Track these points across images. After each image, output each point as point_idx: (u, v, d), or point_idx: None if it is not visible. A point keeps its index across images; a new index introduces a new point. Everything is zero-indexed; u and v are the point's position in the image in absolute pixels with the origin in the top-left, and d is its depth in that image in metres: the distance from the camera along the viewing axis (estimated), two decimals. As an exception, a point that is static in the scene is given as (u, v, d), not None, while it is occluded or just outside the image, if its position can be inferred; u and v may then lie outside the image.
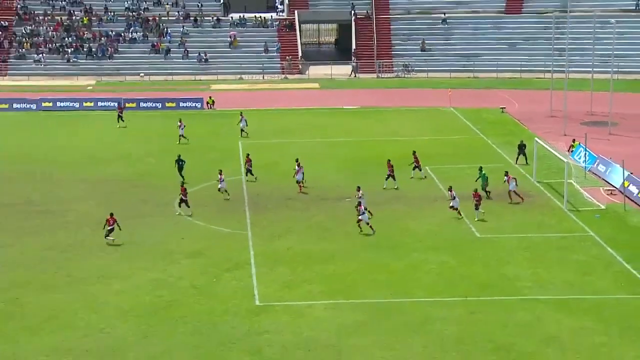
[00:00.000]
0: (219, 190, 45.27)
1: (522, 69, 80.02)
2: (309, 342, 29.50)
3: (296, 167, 47.10)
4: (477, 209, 40.95)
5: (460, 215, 41.22)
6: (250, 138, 59.02)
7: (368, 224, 39.68)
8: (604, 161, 49.35)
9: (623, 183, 45.04)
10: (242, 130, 59.16)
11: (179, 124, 58.07)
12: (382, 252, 37.69)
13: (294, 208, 44.19)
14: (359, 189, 42.15)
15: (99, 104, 69.31)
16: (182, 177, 47.56)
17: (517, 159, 51.53)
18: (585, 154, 50.77)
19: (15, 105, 68.66)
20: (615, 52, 63.77)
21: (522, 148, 51.35)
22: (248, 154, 49.92)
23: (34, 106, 68.48)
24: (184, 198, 42.86)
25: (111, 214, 39.02)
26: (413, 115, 66.26)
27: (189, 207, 42.59)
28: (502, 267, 35.71)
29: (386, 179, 47.23)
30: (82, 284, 34.75)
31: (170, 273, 35.81)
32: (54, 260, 37.25)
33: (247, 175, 48.68)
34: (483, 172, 45.28)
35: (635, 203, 43.78)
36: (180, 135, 57.67)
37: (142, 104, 69.15)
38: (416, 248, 38.08)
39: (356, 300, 32.80)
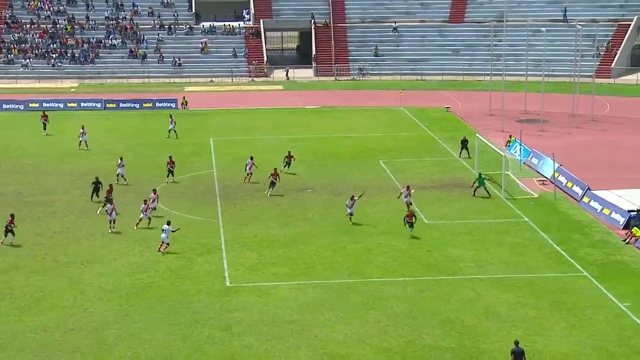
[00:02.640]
0: (117, 175, 45.25)
1: (464, 72, 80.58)
2: (275, 319, 29.49)
3: (249, 160, 46.59)
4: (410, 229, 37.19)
5: (411, 204, 41.46)
6: (219, 135, 58.69)
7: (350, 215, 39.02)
8: (537, 154, 49.91)
9: (553, 174, 45.59)
10: (174, 131, 56.37)
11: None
12: (340, 237, 37.76)
13: (261, 198, 44.09)
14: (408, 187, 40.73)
15: (82, 104, 68.62)
16: (98, 196, 41.43)
17: (461, 152, 51.90)
18: (521, 148, 51.30)
19: (4, 106, 67.65)
20: (546, 57, 64.46)
21: (464, 143, 51.72)
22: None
23: (21, 107, 67.54)
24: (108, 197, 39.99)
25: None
26: (367, 113, 66.44)
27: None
28: (447, 250, 35.99)
29: (284, 166, 47.32)
30: (68, 267, 34.34)
31: (149, 257, 35.53)
32: (42, 246, 36.75)
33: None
34: (483, 177, 43.79)
35: (564, 192, 44.36)
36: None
37: (121, 104, 68.50)
38: (371, 233, 38.21)
39: (317, 281, 32.84)
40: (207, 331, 28.66)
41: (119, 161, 46.78)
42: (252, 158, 47.19)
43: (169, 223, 36.04)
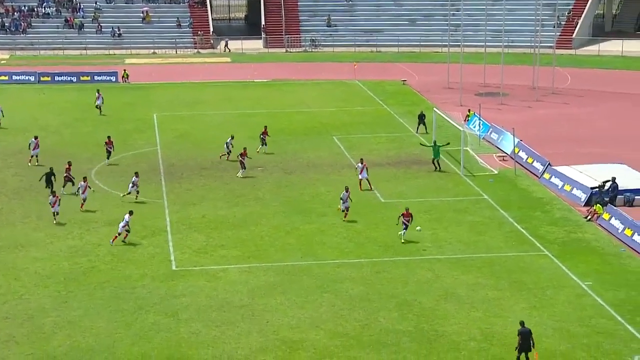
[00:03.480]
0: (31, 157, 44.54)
1: (421, 43, 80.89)
2: (224, 304, 29.43)
3: (229, 139, 45.63)
4: (405, 228, 34.57)
5: (367, 186, 41.62)
6: (163, 110, 58.04)
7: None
8: (496, 129, 50.44)
9: (514, 150, 46.14)
10: (98, 107, 55.49)
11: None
12: (293, 217, 37.75)
13: (209, 176, 43.81)
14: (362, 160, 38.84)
15: (14, 77, 67.12)
16: (51, 187, 39.31)
17: (418, 128, 52.19)
18: (480, 123, 51.79)
19: None
20: (505, 28, 65.02)
21: (422, 118, 52.00)
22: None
23: (-53, 80, 65.79)
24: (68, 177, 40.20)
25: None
26: (320, 87, 66.35)
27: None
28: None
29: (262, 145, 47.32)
30: (0, 252, 33.70)
31: (88, 240, 35.09)
32: (-29, 230, 35.99)
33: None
34: (438, 145, 44.35)
35: (525, 168, 44.96)
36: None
37: (57, 78, 67.20)
38: (325, 213, 38.26)
39: (268, 263, 32.82)
40: (152, 318, 28.48)
41: (33, 140, 44.75)
42: (232, 137, 46.50)
43: (131, 213, 35.09)
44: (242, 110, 58.38)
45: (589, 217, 37.34)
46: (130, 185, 39.57)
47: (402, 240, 34.04)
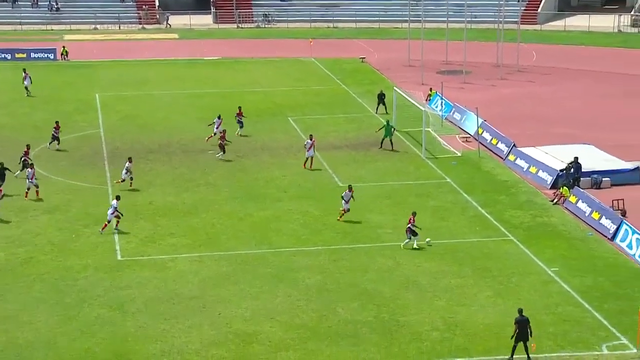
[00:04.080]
0: None
1: (380, 19, 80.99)
2: (173, 296, 29.28)
3: (216, 119, 45.50)
4: (410, 237, 33.00)
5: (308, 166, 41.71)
6: (106, 90, 57.35)
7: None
8: (459, 109, 50.80)
9: (477, 130, 46.51)
10: (26, 88, 54.61)
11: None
12: (246, 203, 37.65)
13: (155, 161, 43.46)
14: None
15: (-58, 54, 65.73)
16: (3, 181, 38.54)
17: (377, 108, 52.33)
18: (442, 102, 52.10)
19: None
20: (468, 2, 65.38)
21: (381, 97, 52.14)
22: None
23: None
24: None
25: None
26: (274, 65, 66.11)
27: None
28: (364, 215, 36.36)
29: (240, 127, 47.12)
30: None
31: (27, 229, 34.60)
32: None
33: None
34: (390, 124, 44.72)
35: (489, 149, 45.38)
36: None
37: (-11, 55, 66.01)
38: (280, 198, 38.23)
39: (220, 252, 32.72)
40: (96, 311, 28.24)
41: None
42: (219, 117, 46.31)
43: (118, 198, 34.81)
44: (191, 90, 57.96)
45: (555, 200, 37.85)
46: (124, 171, 38.86)
47: (414, 247, 32.41)
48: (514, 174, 41.84)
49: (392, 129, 44.84)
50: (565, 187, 37.76)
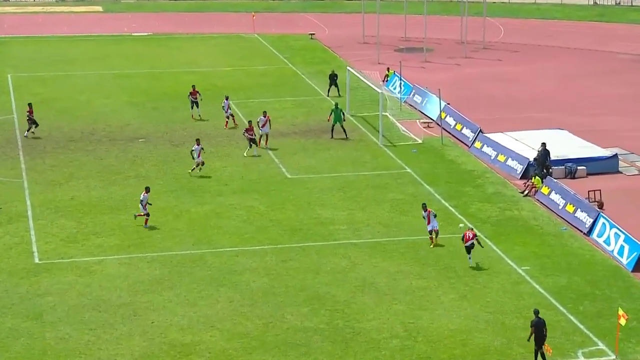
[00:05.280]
0: None
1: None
2: (100, 303, 29.03)
3: (225, 101, 45.59)
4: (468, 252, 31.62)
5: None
6: (19, 70, 56.53)
7: None
8: (420, 91, 51.10)
9: (440, 114, 46.85)
10: None
11: None
12: (182, 198, 37.45)
13: (78, 150, 43.03)
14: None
15: None
16: None
17: (329, 90, 52.40)
18: (401, 83, 52.37)
19: None
20: (430, -27, 65.80)
21: (333, 78, 52.21)
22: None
23: None
24: None
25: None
26: (213, 42, 65.79)
27: None
28: (315, 210, 36.42)
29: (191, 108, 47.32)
30: None
31: None
32: None
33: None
34: (339, 108, 44.93)
35: (453, 136, 45.73)
36: None
37: None
38: (221, 192, 38.09)
39: (153, 253, 32.53)
40: (10, 321, 27.88)
41: None
42: (227, 98, 46.57)
43: (147, 190, 34.70)
44: (119, 70, 57.43)
45: (526, 191, 38.30)
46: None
47: (472, 265, 31.30)
48: (481, 162, 42.23)
49: (342, 114, 44.95)
50: (537, 177, 38.20)
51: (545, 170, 38.90)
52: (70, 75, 56.06)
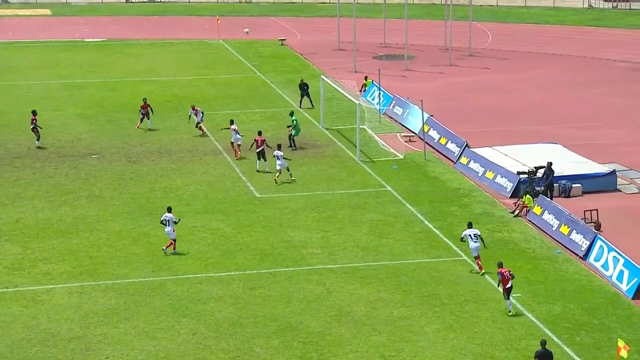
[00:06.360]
0: None
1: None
2: (48, 336, 28.85)
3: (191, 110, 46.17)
4: (507, 297, 30.48)
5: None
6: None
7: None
8: (400, 102, 51.33)
9: (423, 127, 47.06)
10: None
11: None
12: (140, 220, 37.35)
13: (24, 168, 42.85)
14: None
15: None
16: None
17: (301, 101, 52.56)
18: (380, 93, 52.58)
19: None
20: (411, -27, 66.24)
21: (304, 88, 52.37)
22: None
23: None
24: None
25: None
26: (173, 49, 65.80)
27: None
28: (286, 232, 36.42)
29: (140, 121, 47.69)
30: None
31: None
32: None
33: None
34: (294, 118, 45.76)
35: (437, 151, 45.94)
36: None
37: None
38: (183, 213, 38.02)
39: (108, 281, 32.39)
40: (-50, 359, 27.64)
41: None
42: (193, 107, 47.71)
43: (169, 210, 34.64)
44: (70, 80, 57.32)
45: (516, 211, 38.50)
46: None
47: (511, 313, 30.21)
48: (467, 180, 42.43)
49: (296, 122, 45.51)
50: (528, 196, 38.41)
51: (546, 190, 38.97)
52: (14, 84, 55.87)
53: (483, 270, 32.99)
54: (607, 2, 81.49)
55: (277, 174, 41.02)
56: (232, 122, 44.47)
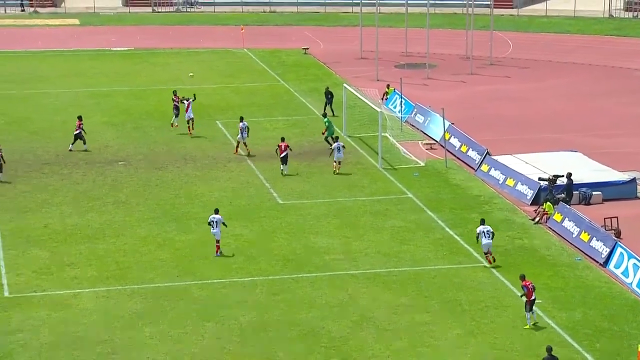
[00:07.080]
0: None
1: (327, 2, 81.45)
2: (76, 340, 28.97)
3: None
4: (530, 309, 29.99)
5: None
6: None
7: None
8: (422, 110, 51.27)
9: (444, 135, 46.98)
10: None
11: None
12: (166, 225, 37.46)
13: (53, 174, 43.06)
14: None
15: None
16: None
17: (325, 108, 52.52)
18: (402, 102, 52.54)
19: None
20: (432, -17, 66.21)
21: (329, 96, 52.37)
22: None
23: None
24: None
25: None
26: (199, 58, 65.97)
27: None
28: (308, 238, 36.43)
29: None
30: None
31: None
32: None
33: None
34: (326, 119, 46.83)
35: (458, 158, 45.86)
36: None
37: None
38: (207, 219, 38.08)
39: (134, 286, 32.50)
40: (-21, 362, 27.83)
41: None
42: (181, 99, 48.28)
43: (217, 211, 35.05)
44: (97, 88, 57.58)
45: (537, 218, 38.37)
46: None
47: (527, 327, 29.74)
48: (488, 187, 42.32)
49: (327, 125, 46.27)
50: (548, 203, 38.29)
51: (562, 199, 38.83)
52: (44, 93, 56.13)
53: (491, 265, 33.14)
54: (628, 12, 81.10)
55: (337, 164, 42.60)
56: (242, 119, 45.69)
